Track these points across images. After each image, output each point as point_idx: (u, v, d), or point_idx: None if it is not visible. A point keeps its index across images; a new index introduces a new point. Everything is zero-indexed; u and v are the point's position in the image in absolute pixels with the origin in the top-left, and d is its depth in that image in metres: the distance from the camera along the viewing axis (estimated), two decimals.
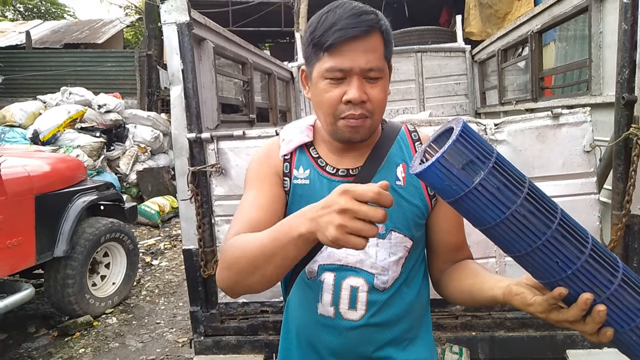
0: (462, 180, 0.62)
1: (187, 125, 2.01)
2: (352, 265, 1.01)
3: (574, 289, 0.66)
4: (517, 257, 0.67)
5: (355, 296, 1.01)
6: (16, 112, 6.88)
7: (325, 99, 0.94)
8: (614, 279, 0.65)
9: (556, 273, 0.65)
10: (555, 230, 0.63)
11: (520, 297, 0.75)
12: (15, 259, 2.99)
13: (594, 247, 0.65)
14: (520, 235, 0.64)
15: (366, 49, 0.90)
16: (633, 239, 1.88)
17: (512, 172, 0.64)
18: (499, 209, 0.63)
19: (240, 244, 0.85)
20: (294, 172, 1.05)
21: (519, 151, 1.90)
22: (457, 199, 0.64)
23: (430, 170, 0.63)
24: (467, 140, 0.63)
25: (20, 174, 3.08)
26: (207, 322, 2.10)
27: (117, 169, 7.13)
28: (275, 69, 4.27)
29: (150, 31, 10.79)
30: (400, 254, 1.02)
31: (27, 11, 21.89)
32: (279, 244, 0.77)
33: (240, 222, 0.96)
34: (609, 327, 0.67)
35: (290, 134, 1.08)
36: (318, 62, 0.94)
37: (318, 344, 1.05)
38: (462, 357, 1.95)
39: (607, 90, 2.39)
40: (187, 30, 1.98)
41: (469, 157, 0.63)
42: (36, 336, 3.42)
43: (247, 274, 0.83)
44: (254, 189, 1.04)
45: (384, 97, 0.96)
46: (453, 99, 5.45)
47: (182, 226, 2.11)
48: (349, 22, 0.88)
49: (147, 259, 5.09)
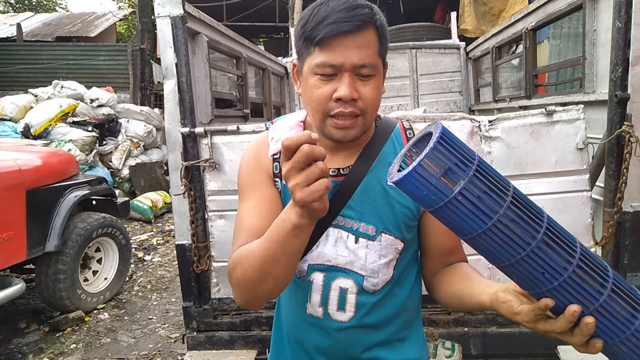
0: (440, 189, 0.59)
1: (181, 119, 2.00)
2: (342, 267, 0.99)
3: (561, 300, 0.63)
4: (501, 268, 0.65)
5: (345, 297, 0.99)
6: (7, 105, 6.80)
7: (314, 96, 0.90)
8: (603, 289, 0.63)
9: (542, 284, 0.63)
10: (541, 241, 0.61)
11: (506, 305, 0.72)
12: (6, 253, 2.96)
13: (582, 257, 0.62)
14: (503, 245, 0.61)
15: (359, 45, 0.86)
16: (624, 235, 1.89)
17: (496, 179, 0.61)
18: (481, 219, 0.60)
19: (244, 257, 0.85)
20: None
21: (513, 148, 1.91)
22: (437, 209, 0.61)
23: (407, 180, 0.60)
24: (447, 146, 0.60)
25: (11, 168, 3.05)
26: (200, 317, 2.10)
27: (110, 163, 7.08)
28: (270, 64, 4.26)
29: (143, 25, 10.68)
30: (391, 256, 0.99)
31: (18, 3, 21.63)
32: (279, 241, 0.77)
33: (244, 235, 0.94)
34: (598, 338, 0.65)
35: (279, 132, 1.03)
36: (309, 56, 0.90)
37: (306, 343, 1.04)
38: (454, 353, 1.96)
39: (600, 88, 2.41)
40: (181, 23, 1.96)
41: (448, 164, 0.60)
42: (27, 331, 3.39)
43: (260, 281, 0.82)
44: (250, 197, 1.00)
45: (376, 95, 0.91)
46: (447, 96, 5.46)
47: (175, 221, 2.10)
48: (342, 15, 0.84)
49: (139, 255, 5.07)
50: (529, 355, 1.99)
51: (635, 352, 0.65)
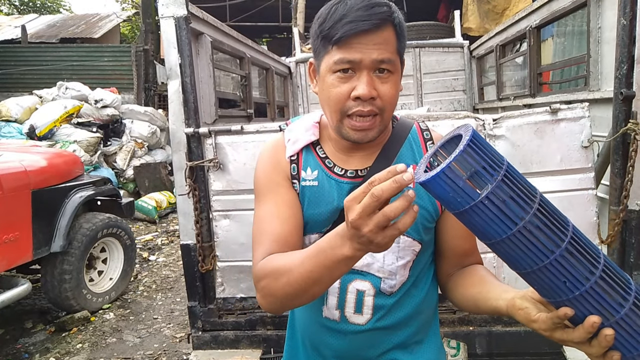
0: (467, 192, 0.59)
1: (185, 119, 2.00)
2: (359, 269, 0.98)
3: (581, 310, 0.63)
4: (522, 274, 0.64)
5: (362, 300, 0.98)
6: (12, 106, 6.84)
7: (332, 95, 0.88)
8: (625, 302, 0.62)
9: (563, 293, 0.62)
10: (565, 250, 0.60)
11: (524, 312, 0.72)
12: (12, 254, 2.98)
13: (605, 268, 0.62)
14: (526, 252, 0.60)
15: (378, 43, 0.85)
16: (630, 234, 1.88)
17: (523, 185, 0.60)
18: (506, 225, 0.59)
19: (282, 271, 0.82)
20: (302, 173, 1.00)
21: (517, 146, 1.90)
22: (462, 212, 0.61)
23: (435, 181, 0.60)
24: (476, 149, 0.59)
25: (16, 169, 3.06)
26: (205, 317, 2.10)
27: (114, 164, 7.11)
28: (273, 64, 4.26)
29: (147, 26, 10.73)
30: (408, 257, 0.98)
31: (23, 5, 21.74)
32: (325, 267, 0.76)
33: (268, 239, 0.92)
34: (616, 350, 0.64)
35: (296, 134, 1.02)
36: (326, 55, 0.89)
37: (322, 347, 1.03)
38: (459, 352, 1.96)
39: (605, 85, 2.39)
40: (184, 24, 1.96)
41: (477, 168, 0.59)
42: (33, 331, 3.41)
43: (296, 297, 0.82)
44: (269, 200, 0.98)
45: (395, 93, 0.89)
46: (451, 95, 5.45)
47: (180, 221, 2.11)
48: (360, 14, 0.83)
49: (144, 255, 5.08)
50: (535, 354, 1.98)
51: None
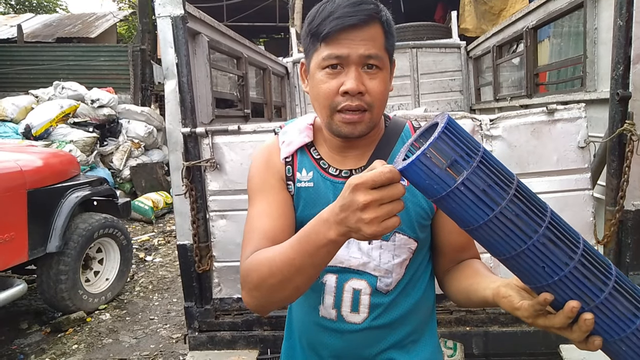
0: (443, 179, 0.60)
1: (182, 119, 2.00)
2: (355, 268, 0.98)
3: (561, 296, 0.63)
4: (502, 260, 0.65)
5: (358, 299, 0.98)
6: (8, 106, 6.81)
7: (321, 91, 0.90)
8: (604, 287, 0.62)
9: (543, 279, 0.63)
10: (543, 234, 0.60)
11: (507, 300, 0.72)
12: (7, 254, 2.97)
13: (585, 253, 0.62)
14: (504, 238, 0.61)
15: (365, 39, 0.87)
16: (626, 234, 1.89)
17: (500, 171, 0.61)
18: (482, 211, 0.60)
19: (265, 262, 0.82)
20: (297, 175, 1.01)
21: (514, 147, 1.91)
22: (439, 198, 0.61)
23: (411, 168, 0.60)
24: (451, 136, 0.60)
25: (12, 169, 3.05)
26: (202, 317, 2.10)
27: (111, 164, 7.09)
28: (270, 64, 4.26)
29: (143, 25, 10.69)
30: (404, 256, 0.98)
31: (19, 4, 21.65)
32: (308, 253, 0.75)
33: (257, 236, 0.92)
34: (598, 335, 0.65)
35: (290, 136, 1.03)
36: (315, 52, 0.91)
37: (319, 346, 1.03)
38: (456, 352, 1.96)
39: (601, 86, 2.40)
40: (181, 23, 1.96)
41: (452, 155, 0.60)
42: (29, 332, 3.39)
43: (279, 289, 0.81)
44: (261, 200, 0.98)
45: (383, 89, 0.91)
46: (448, 95, 5.46)
47: (177, 221, 2.10)
48: (347, 10, 0.85)
49: (140, 255, 5.07)
50: (531, 354, 1.99)
51: (635, 351, 0.65)
